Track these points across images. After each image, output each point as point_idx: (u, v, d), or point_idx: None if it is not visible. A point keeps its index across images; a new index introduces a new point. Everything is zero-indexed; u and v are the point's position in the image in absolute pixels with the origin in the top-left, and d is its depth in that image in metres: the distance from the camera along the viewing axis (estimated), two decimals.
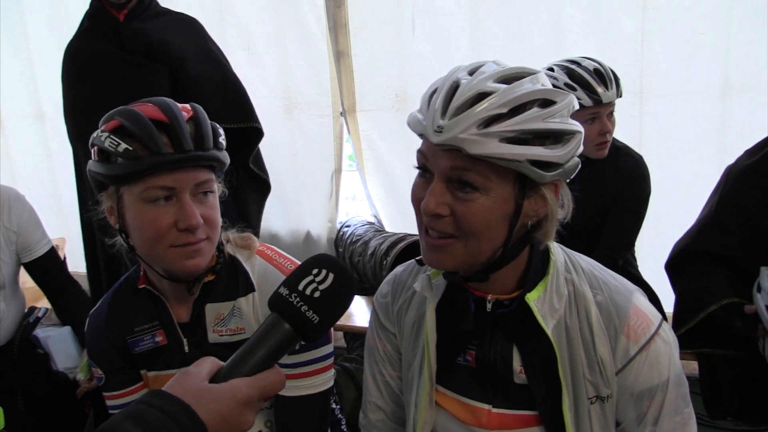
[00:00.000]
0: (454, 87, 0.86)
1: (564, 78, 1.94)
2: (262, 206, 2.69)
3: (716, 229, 1.70)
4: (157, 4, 2.33)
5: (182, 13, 2.39)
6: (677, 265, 1.80)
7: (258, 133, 2.44)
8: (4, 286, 1.83)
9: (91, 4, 2.26)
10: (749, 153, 1.72)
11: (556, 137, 0.86)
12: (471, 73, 0.89)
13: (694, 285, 1.72)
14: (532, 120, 0.83)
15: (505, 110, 0.83)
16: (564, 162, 0.87)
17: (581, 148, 0.90)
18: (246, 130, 2.41)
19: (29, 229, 1.84)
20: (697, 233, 1.76)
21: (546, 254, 1.00)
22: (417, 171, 0.94)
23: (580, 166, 0.92)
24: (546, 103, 0.85)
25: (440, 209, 0.88)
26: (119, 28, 2.19)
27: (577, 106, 0.89)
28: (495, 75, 0.86)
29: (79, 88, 2.28)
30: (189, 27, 2.36)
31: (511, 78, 0.86)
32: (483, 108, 0.82)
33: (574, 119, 1.97)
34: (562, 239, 1.01)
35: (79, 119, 2.27)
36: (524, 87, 0.84)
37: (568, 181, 0.90)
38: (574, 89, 1.92)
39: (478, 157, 0.83)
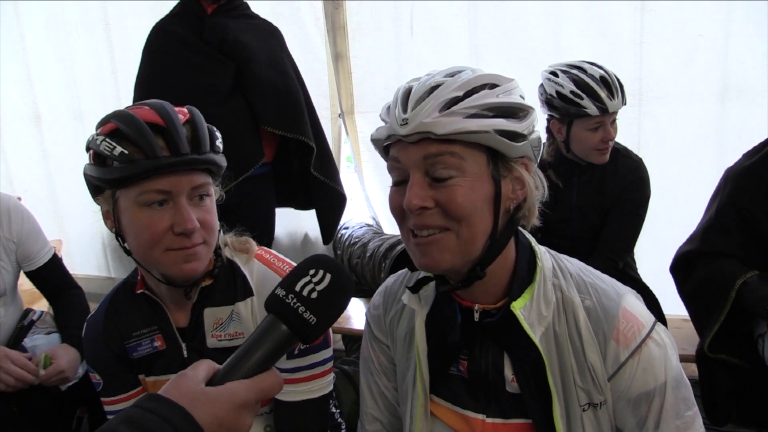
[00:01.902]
0: (409, 89, 0.91)
1: (570, 86, 1.92)
2: (336, 217, 2.69)
3: (717, 232, 1.70)
4: (247, 6, 2.41)
5: (267, 21, 2.46)
6: (682, 267, 1.79)
7: (309, 147, 2.45)
8: (5, 293, 1.82)
9: None
10: (747, 155, 1.71)
11: (512, 112, 0.90)
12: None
13: (707, 271, 1.68)
14: (486, 97, 0.88)
15: (460, 93, 0.87)
16: (527, 133, 0.90)
17: (537, 125, 0.94)
18: (300, 141, 2.42)
19: (29, 239, 1.83)
20: (698, 237, 1.75)
21: (533, 260, 0.99)
22: None
23: (543, 145, 0.95)
24: (493, 86, 0.90)
25: (425, 202, 0.88)
26: (204, 19, 2.29)
27: (519, 89, 0.94)
28: (443, 72, 0.92)
29: (154, 63, 2.36)
30: (268, 33, 2.43)
31: (455, 72, 0.92)
32: (440, 92, 0.87)
33: (579, 127, 2.00)
34: (552, 240, 1.00)
35: (145, 91, 2.36)
36: (469, 73, 0.91)
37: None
38: (580, 98, 1.91)
39: (447, 137, 0.85)
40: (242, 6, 2.40)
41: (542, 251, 1.01)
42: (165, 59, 2.32)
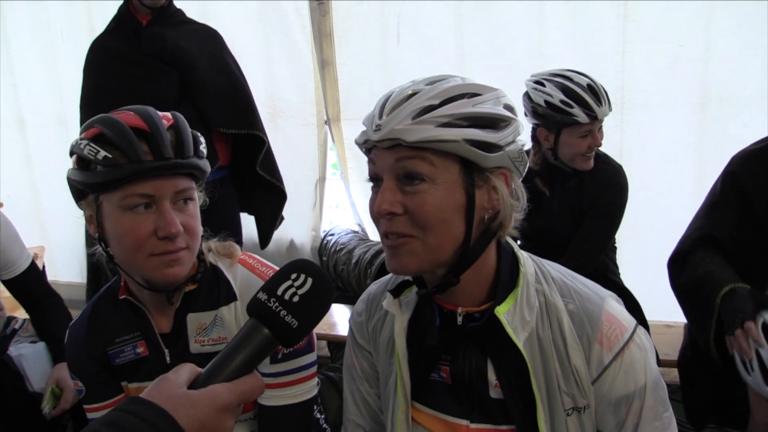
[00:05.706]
0: (389, 94, 0.92)
1: (559, 95, 1.94)
2: (276, 215, 2.67)
3: (719, 209, 1.69)
4: (182, 13, 2.41)
5: (204, 25, 2.46)
6: (680, 261, 1.76)
7: (260, 142, 2.47)
8: None
9: (120, 8, 2.37)
10: (753, 144, 1.71)
11: (489, 122, 0.89)
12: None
13: (698, 275, 1.65)
14: (462, 106, 0.87)
15: (436, 102, 0.87)
16: (503, 144, 0.89)
17: (519, 136, 0.93)
18: (250, 138, 2.46)
19: (8, 247, 1.79)
20: (702, 217, 1.73)
21: (515, 265, 0.99)
22: None
23: (527, 162, 0.94)
24: (473, 95, 0.89)
25: (394, 207, 0.88)
26: (141, 31, 2.29)
27: (505, 99, 0.93)
28: (425, 80, 0.92)
29: (96, 81, 2.38)
30: (207, 37, 2.44)
31: (437, 80, 0.92)
32: (415, 100, 0.87)
33: (568, 135, 1.96)
34: (535, 247, 1.01)
35: (92, 110, 2.36)
36: (451, 82, 0.90)
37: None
38: (570, 106, 1.93)
39: (416, 144, 0.85)
40: (178, 13, 2.40)
41: (525, 257, 1.01)
42: (106, 76, 2.33)
